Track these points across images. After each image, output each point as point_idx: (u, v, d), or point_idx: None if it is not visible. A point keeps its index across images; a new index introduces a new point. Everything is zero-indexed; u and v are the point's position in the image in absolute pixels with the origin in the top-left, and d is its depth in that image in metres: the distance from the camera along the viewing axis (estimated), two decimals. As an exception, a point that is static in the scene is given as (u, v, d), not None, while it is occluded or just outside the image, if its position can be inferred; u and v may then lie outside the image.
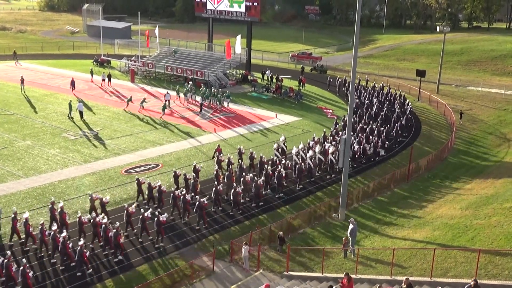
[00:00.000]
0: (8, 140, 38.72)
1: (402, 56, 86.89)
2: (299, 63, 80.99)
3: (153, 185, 28.18)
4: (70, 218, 25.33)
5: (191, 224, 26.79)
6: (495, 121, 51.46)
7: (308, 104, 55.46)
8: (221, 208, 28.61)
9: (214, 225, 27.09)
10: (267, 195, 30.92)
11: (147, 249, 24.31)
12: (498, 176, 34.86)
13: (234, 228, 27.06)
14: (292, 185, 32.52)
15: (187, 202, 27.02)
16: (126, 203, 27.44)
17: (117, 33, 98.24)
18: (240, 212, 28.44)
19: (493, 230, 23.02)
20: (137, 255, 23.80)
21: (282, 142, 37.48)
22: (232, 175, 30.84)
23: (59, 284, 21.39)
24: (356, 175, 35.45)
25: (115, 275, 22.12)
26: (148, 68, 67.80)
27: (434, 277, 19.38)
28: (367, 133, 41.48)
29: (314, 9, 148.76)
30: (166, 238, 25.22)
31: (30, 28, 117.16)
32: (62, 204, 25.29)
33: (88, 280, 21.62)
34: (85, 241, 22.77)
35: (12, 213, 24.26)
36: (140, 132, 42.33)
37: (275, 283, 21.33)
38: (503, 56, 78.29)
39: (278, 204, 30.02)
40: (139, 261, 23.32)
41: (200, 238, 25.74)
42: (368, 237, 26.23)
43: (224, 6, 66.50)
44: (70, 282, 21.44)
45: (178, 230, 26.20)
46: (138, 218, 24.97)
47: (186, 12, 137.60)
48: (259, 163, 33.06)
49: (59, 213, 24.49)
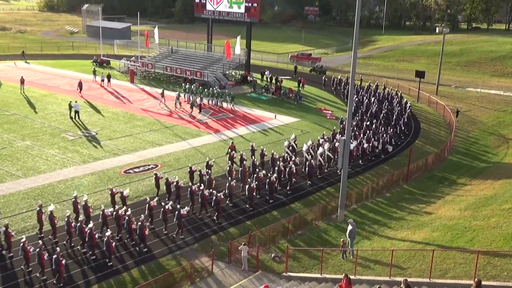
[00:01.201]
0: (8, 140, 38.71)
1: (402, 57, 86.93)
2: (295, 64, 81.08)
3: (170, 180, 28.94)
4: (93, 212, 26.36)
5: (204, 219, 27.71)
6: (494, 122, 51.48)
7: (308, 105, 55.47)
8: (231, 204, 29.27)
9: (213, 227, 27.18)
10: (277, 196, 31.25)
11: (169, 241, 25.31)
12: (497, 177, 34.87)
13: (233, 229, 27.10)
14: (303, 182, 33.31)
15: (205, 197, 27.71)
16: (148, 196, 28.31)
17: (117, 34, 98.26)
18: (251, 209, 29.12)
19: (492, 231, 23.03)
20: (160, 246, 24.72)
21: (293, 140, 38.46)
22: (246, 171, 31.73)
23: (86, 273, 22.36)
24: (357, 175, 35.50)
25: (139, 265, 23.10)
26: (147, 68, 67.81)
27: (433, 278, 19.39)
28: (373, 131, 42.54)
29: (313, 10, 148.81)
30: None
31: (29, 28, 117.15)
32: (86, 198, 26.21)
33: (114, 270, 22.64)
34: (111, 232, 23.73)
35: (38, 206, 25.01)
36: (139, 132, 42.33)
37: (274, 283, 21.33)
38: (502, 57, 78.31)
39: (289, 201, 30.72)
40: (162, 252, 24.28)
41: (201, 237, 25.94)
42: (367, 238, 26.23)
43: (224, 6, 66.54)
44: (97, 271, 22.39)
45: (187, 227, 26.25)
46: (159, 212, 26.03)
47: (185, 12, 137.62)
48: (271, 160, 34.17)
49: (82, 206, 25.46)
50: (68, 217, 24.05)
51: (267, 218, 28.43)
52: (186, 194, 28.42)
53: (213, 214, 27.83)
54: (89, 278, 21.94)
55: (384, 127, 44.01)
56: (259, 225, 27.12)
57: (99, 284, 21.60)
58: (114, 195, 27.60)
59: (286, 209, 29.66)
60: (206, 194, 27.79)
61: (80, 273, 22.27)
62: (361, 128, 43.01)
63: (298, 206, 30.23)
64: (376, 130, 43.01)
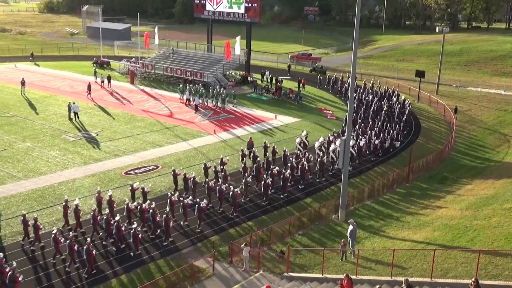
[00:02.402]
0: (8, 142, 38.72)
1: (402, 57, 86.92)
2: (298, 64, 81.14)
3: (188, 177, 29.93)
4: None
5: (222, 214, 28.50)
6: (495, 121, 51.46)
7: (308, 105, 55.48)
8: (248, 199, 30.28)
9: (214, 226, 27.22)
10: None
11: (190, 233, 26.33)
12: (498, 177, 34.85)
13: (234, 229, 27.16)
14: (314, 178, 34.24)
15: (222, 192, 28.52)
16: (169, 191, 29.33)
17: (117, 35, 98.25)
18: (267, 203, 29.99)
19: (493, 230, 23.01)
20: (181, 238, 25.66)
21: (304, 136, 39.38)
22: (261, 167, 32.65)
23: (112, 263, 23.21)
24: (359, 174, 35.55)
25: (164, 257, 23.97)
26: (147, 69, 67.82)
27: (434, 277, 19.37)
28: (379, 127, 43.94)
29: (313, 10, 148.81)
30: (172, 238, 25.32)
31: (29, 30, 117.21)
32: (111, 193, 27.03)
33: (139, 260, 23.52)
34: (137, 225, 24.63)
35: (63, 201, 25.90)
36: (140, 133, 42.33)
37: (275, 284, 21.33)
38: (502, 57, 78.28)
39: (302, 196, 31.55)
40: (185, 244, 25.24)
41: (220, 230, 26.90)
42: (368, 238, 26.23)
43: (224, 7, 66.54)
44: (123, 262, 23.26)
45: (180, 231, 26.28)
46: (178, 206, 27.26)
47: (185, 13, 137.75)
48: (283, 156, 35.09)
49: (107, 201, 26.26)
50: (94, 211, 25.18)
51: (283, 212, 29.41)
52: (202, 190, 29.68)
53: (226, 209, 28.77)
54: (116, 269, 22.78)
55: (390, 124, 45.66)
56: (260, 225, 27.21)
57: (127, 274, 22.43)
58: (135, 190, 28.63)
59: (299, 204, 30.50)
60: (223, 189, 28.70)
61: (107, 264, 23.09)
62: (367, 125, 44.17)
63: (310, 201, 31.15)
64: (382, 127, 44.52)
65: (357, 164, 37.15)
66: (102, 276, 22.15)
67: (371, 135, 41.04)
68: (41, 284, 21.41)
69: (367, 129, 42.81)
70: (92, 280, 21.81)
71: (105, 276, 22.17)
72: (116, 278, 22.13)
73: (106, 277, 22.13)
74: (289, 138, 41.63)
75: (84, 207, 28.18)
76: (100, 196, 26.79)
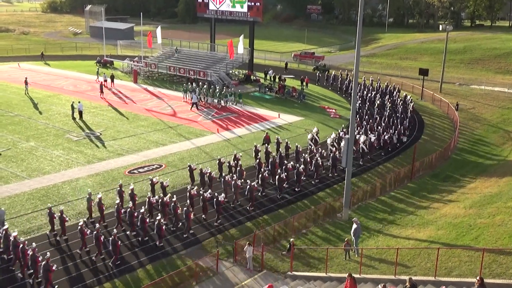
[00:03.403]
0: (12, 142, 38.82)
1: (405, 55, 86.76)
2: (301, 62, 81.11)
3: (204, 171, 30.60)
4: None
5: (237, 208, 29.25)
6: (499, 119, 51.33)
7: (311, 104, 55.44)
8: (264, 194, 30.88)
9: (232, 220, 27.99)
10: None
11: (210, 225, 27.05)
12: (502, 175, 34.78)
13: (251, 222, 27.81)
14: (327, 173, 34.97)
15: (238, 186, 29.33)
16: (188, 185, 29.84)
17: (120, 34, 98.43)
18: (281, 197, 30.64)
19: (497, 229, 22.97)
20: (202, 231, 26.43)
21: (315, 133, 39.95)
22: (276, 162, 33.12)
23: (137, 254, 23.92)
24: (362, 173, 35.53)
25: (185, 249, 24.69)
26: (150, 68, 67.89)
27: (438, 276, 19.35)
28: (386, 123, 44.81)
29: (316, 9, 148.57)
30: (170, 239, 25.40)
31: (33, 30, 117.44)
32: (132, 187, 27.83)
33: (163, 252, 24.21)
34: (161, 216, 25.47)
35: (87, 194, 26.80)
36: (143, 132, 42.38)
37: (278, 283, 21.34)
38: (506, 54, 78.04)
39: (315, 190, 32.25)
40: (205, 236, 25.95)
41: (238, 223, 27.52)
42: (371, 237, 26.20)
43: (226, 6, 66.53)
44: (148, 253, 24.00)
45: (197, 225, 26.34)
46: (196, 200, 27.85)
47: (188, 12, 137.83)
48: (295, 152, 35.85)
49: (130, 195, 26.97)
50: (117, 204, 25.85)
51: (300, 206, 30.04)
52: (215, 185, 30.56)
53: (243, 203, 29.57)
54: (141, 259, 23.43)
55: (396, 119, 46.26)
56: (263, 224, 27.23)
57: (153, 264, 23.14)
58: (154, 184, 29.06)
59: (313, 199, 31.16)
60: (239, 184, 29.41)
61: (132, 255, 23.78)
62: (375, 121, 44.72)
63: (323, 195, 31.84)
64: (389, 122, 45.29)
65: (369, 159, 38.04)
66: (128, 266, 22.87)
67: (380, 131, 41.70)
68: (70, 274, 22.17)
69: (374, 125, 43.57)
70: (118, 270, 22.52)
71: (130, 266, 22.89)
72: (142, 268, 22.89)
73: (132, 267, 22.83)
74: (293, 137, 41.58)
75: (78, 208, 28.27)
76: (122, 190, 27.63)
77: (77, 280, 21.71)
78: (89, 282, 21.62)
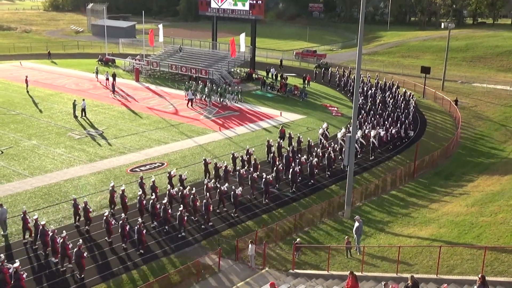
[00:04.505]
0: (14, 140, 38.88)
1: (407, 53, 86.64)
2: (303, 61, 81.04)
3: (218, 165, 31.42)
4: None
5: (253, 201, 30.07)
6: (501, 117, 51.23)
7: (313, 102, 55.42)
8: (277, 186, 31.65)
9: (248, 212, 28.67)
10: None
11: (227, 217, 27.94)
12: (504, 173, 34.73)
13: (267, 215, 28.46)
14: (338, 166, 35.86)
15: (254, 180, 30.20)
16: (206, 179, 30.69)
17: (122, 32, 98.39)
18: (294, 191, 31.42)
19: (499, 227, 22.95)
20: (219, 222, 27.31)
21: (325, 128, 41.05)
22: (290, 157, 33.91)
23: (161, 243, 24.90)
24: (363, 172, 35.53)
25: (207, 238, 25.77)
26: (152, 67, 67.92)
27: (440, 274, 19.34)
28: (392, 118, 45.35)
29: (318, 7, 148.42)
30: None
31: (35, 28, 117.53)
32: (154, 179, 29.16)
33: (186, 241, 25.21)
34: (183, 207, 26.06)
35: (110, 187, 27.56)
36: (145, 131, 42.41)
37: (280, 281, 21.36)
38: (508, 52, 77.84)
39: (328, 183, 33.20)
40: (223, 227, 26.85)
41: (253, 216, 28.28)
42: (373, 235, 26.21)
43: (228, 4, 66.50)
44: (172, 242, 24.93)
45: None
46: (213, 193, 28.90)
47: (190, 10, 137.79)
48: (307, 146, 36.80)
49: (151, 187, 28.14)
50: (140, 196, 26.79)
51: (314, 199, 30.82)
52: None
53: (258, 196, 30.33)
54: (165, 248, 24.44)
55: (401, 113, 47.08)
56: (265, 223, 27.27)
57: (177, 253, 24.09)
58: (172, 177, 29.82)
59: (325, 192, 31.95)
60: (255, 177, 30.35)
61: (156, 244, 24.77)
62: (380, 116, 45.83)
63: (336, 188, 32.59)
64: (394, 117, 45.89)
65: (379, 153, 38.86)
66: (152, 255, 23.78)
67: (387, 125, 42.72)
68: (97, 262, 23.10)
69: (381, 120, 44.57)
70: (143, 258, 23.44)
71: (155, 255, 23.80)
72: (166, 257, 23.73)
73: (156, 256, 23.77)
74: (295, 135, 41.48)
75: (90, 204, 28.26)
76: (143, 182, 28.55)
77: (105, 268, 22.68)
78: (115, 270, 22.58)
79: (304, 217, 27.87)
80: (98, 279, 21.87)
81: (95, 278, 21.88)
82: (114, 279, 21.93)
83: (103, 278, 21.94)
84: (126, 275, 22.26)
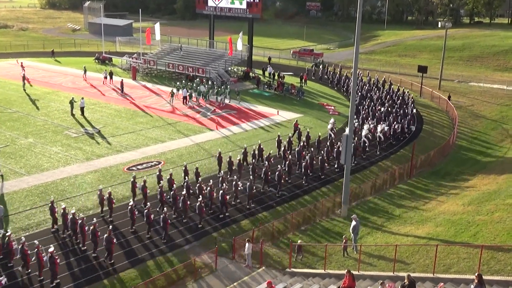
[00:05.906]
0: (11, 138, 38.78)
1: (404, 52, 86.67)
2: (300, 59, 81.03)
3: (232, 160, 32.32)
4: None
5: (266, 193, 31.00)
6: (498, 116, 51.36)
7: (310, 101, 55.42)
8: (289, 180, 32.61)
9: (262, 204, 29.40)
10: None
11: (241, 209, 28.96)
12: (500, 172, 34.83)
13: (281, 207, 29.18)
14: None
15: (267, 173, 30.96)
16: (218, 174, 32.06)
17: (119, 31, 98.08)
18: (306, 184, 32.51)
19: (496, 226, 23.01)
20: (235, 213, 28.39)
21: (333, 123, 42.28)
22: (302, 151, 35.04)
23: (183, 232, 26.09)
24: (362, 170, 35.58)
25: (224, 227, 26.92)
26: (149, 65, 67.79)
27: (437, 273, 19.39)
28: (394, 114, 46.33)
29: (315, 5, 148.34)
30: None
31: (31, 26, 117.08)
32: (171, 172, 29.95)
33: (204, 230, 26.35)
34: (202, 199, 27.10)
35: (132, 178, 28.89)
36: (142, 129, 42.35)
37: (277, 279, 21.37)
38: (505, 52, 77.98)
39: (337, 177, 33.95)
40: (239, 218, 27.98)
41: (267, 208, 29.12)
42: (370, 234, 26.23)
43: (225, 3, 66.44)
44: (191, 231, 26.11)
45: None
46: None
47: (187, 9, 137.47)
48: (316, 141, 37.81)
49: (168, 180, 29.04)
50: (160, 188, 28.00)
51: (325, 192, 31.86)
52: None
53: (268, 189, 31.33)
54: (187, 237, 25.59)
55: (401, 109, 48.13)
56: (262, 222, 27.28)
57: (199, 241, 25.22)
58: (188, 171, 30.67)
59: (335, 184, 32.97)
60: (268, 171, 31.08)
61: (178, 233, 25.91)
62: (382, 112, 46.60)
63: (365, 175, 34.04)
64: (395, 114, 46.68)
65: (384, 146, 39.90)
66: (174, 243, 24.88)
67: (390, 120, 43.67)
68: (124, 248, 24.23)
69: (382, 115, 45.48)
70: (167, 246, 24.57)
71: (177, 244, 24.90)
72: (189, 245, 24.83)
73: (178, 244, 24.87)
74: (303, 130, 41.51)
75: (86, 203, 28.33)
76: (161, 174, 29.76)
77: (131, 254, 23.81)
78: (141, 256, 23.70)
79: (301, 215, 27.92)
80: (127, 264, 23.08)
81: (124, 263, 23.11)
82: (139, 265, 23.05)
83: (132, 264, 23.12)
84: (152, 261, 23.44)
